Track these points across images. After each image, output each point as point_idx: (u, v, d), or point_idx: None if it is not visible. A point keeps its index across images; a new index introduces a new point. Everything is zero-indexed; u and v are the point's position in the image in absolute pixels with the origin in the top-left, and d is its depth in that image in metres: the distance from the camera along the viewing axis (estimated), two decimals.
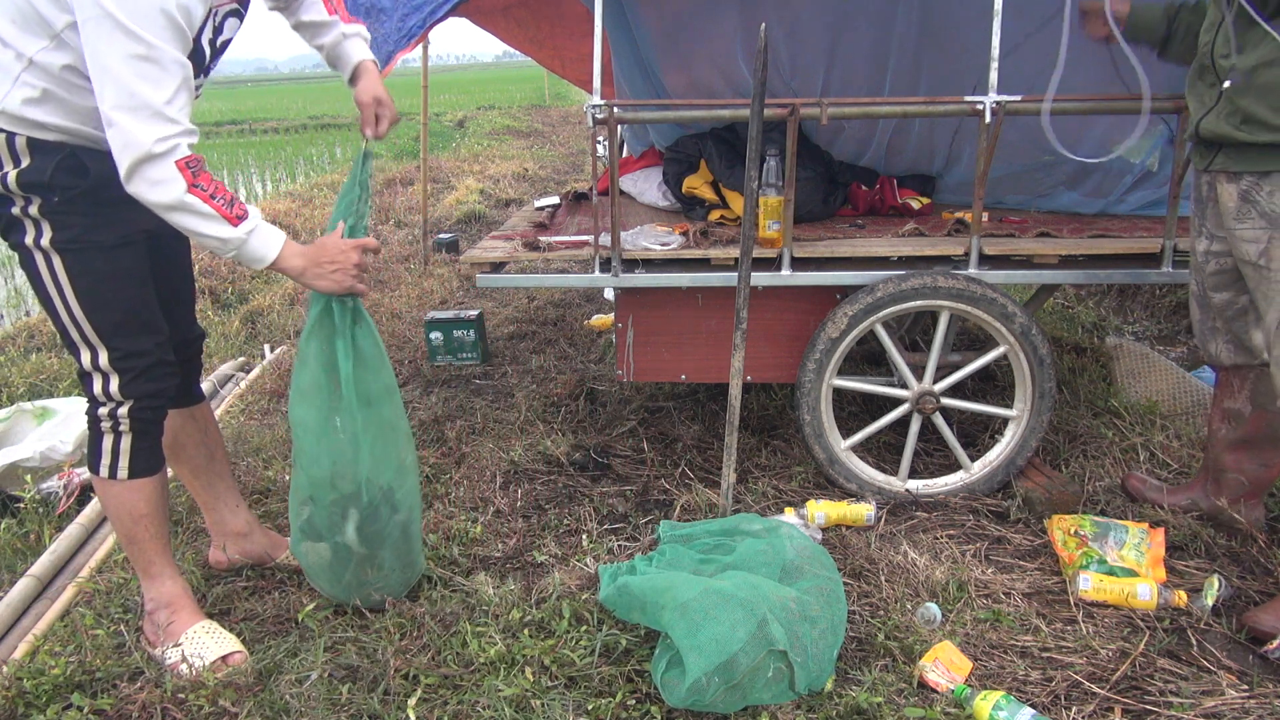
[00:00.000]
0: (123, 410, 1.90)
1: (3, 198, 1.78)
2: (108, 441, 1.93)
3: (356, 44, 2.14)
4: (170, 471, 2.14)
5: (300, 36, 2.17)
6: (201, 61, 1.83)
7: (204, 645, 2.00)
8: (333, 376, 1.98)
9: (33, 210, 1.78)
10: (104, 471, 1.94)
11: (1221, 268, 2.25)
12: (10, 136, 1.74)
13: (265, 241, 1.82)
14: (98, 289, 1.84)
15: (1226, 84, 2.04)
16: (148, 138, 1.63)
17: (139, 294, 1.90)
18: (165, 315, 2.08)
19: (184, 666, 1.96)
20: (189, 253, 2.21)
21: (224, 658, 1.99)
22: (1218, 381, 2.44)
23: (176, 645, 2.00)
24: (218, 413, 3.45)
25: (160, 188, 1.67)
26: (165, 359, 1.96)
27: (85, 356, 1.88)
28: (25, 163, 1.75)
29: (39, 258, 1.81)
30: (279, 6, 2.14)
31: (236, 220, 1.75)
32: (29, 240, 1.80)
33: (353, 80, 2.14)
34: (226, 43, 1.91)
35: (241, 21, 1.92)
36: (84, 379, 1.91)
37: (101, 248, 1.83)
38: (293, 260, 1.86)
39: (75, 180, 1.77)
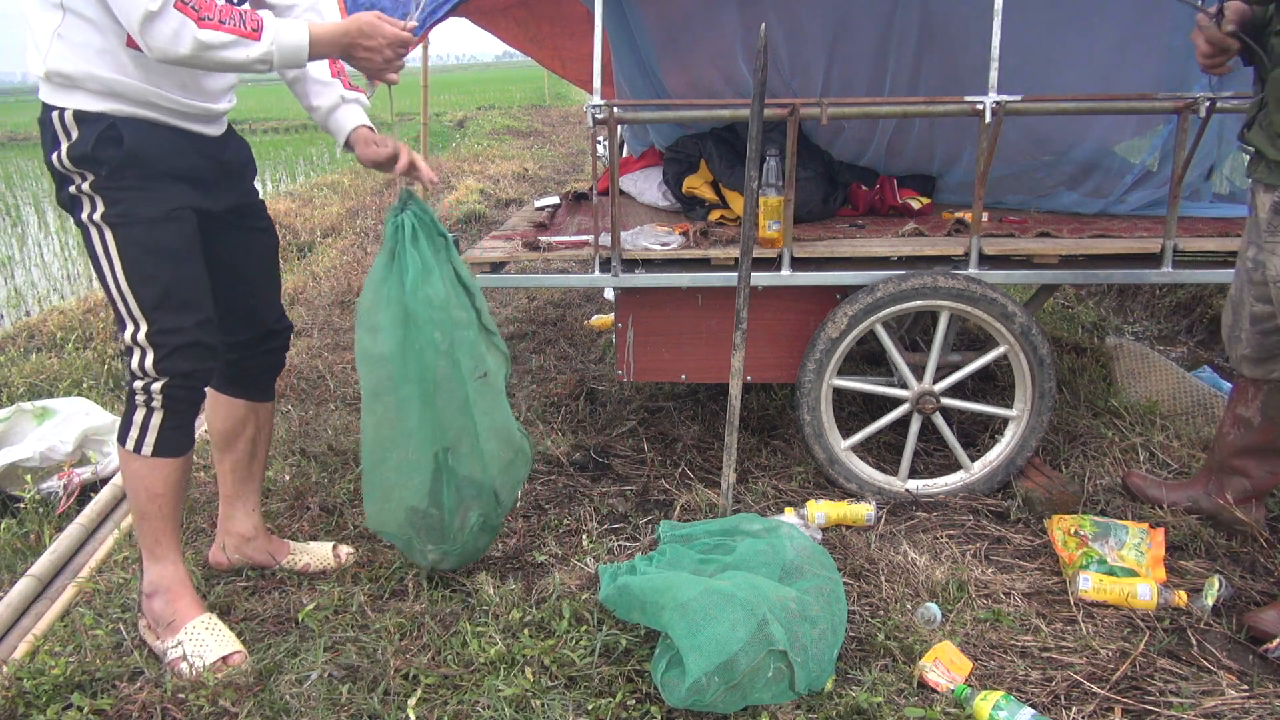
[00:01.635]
0: (156, 386, 1.93)
1: (63, 176, 1.86)
2: (139, 415, 1.95)
3: (355, 110, 2.11)
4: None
5: (292, 92, 2.14)
6: None
7: (204, 644, 2.00)
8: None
9: (85, 187, 1.84)
10: (130, 444, 1.97)
11: (1265, 279, 2.18)
12: (61, 112, 1.81)
13: (294, 37, 1.81)
14: (140, 262, 1.88)
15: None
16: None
17: (180, 270, 1.93)
18: (243, 306, 2.14)
19: (184, 665, 1.96)
20: (269, 243, 2.22)
21: (224, 658, 1.99)
22: (1234, 386, 2.43)
23: (177, 642, 2.00)
24: None
25: (176, 38, 1.70)
26: (204, 340, 1.96)
27: (128, 330, 1.93)
28: (75, 135, 1.81)
29: (93, 232, 1.87)
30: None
31: (255, 34, 1.76)
32: (85, 215, 1.86)
33: (349, 147, 2.11)
34: None
35: None
36: (126, 352, 1.95)
37: (145, 221, 1.87)
38: (324, 48, 1.86)
39: (113, 151, 1.82)
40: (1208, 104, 2.39)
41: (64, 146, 1.82)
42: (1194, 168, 2.59)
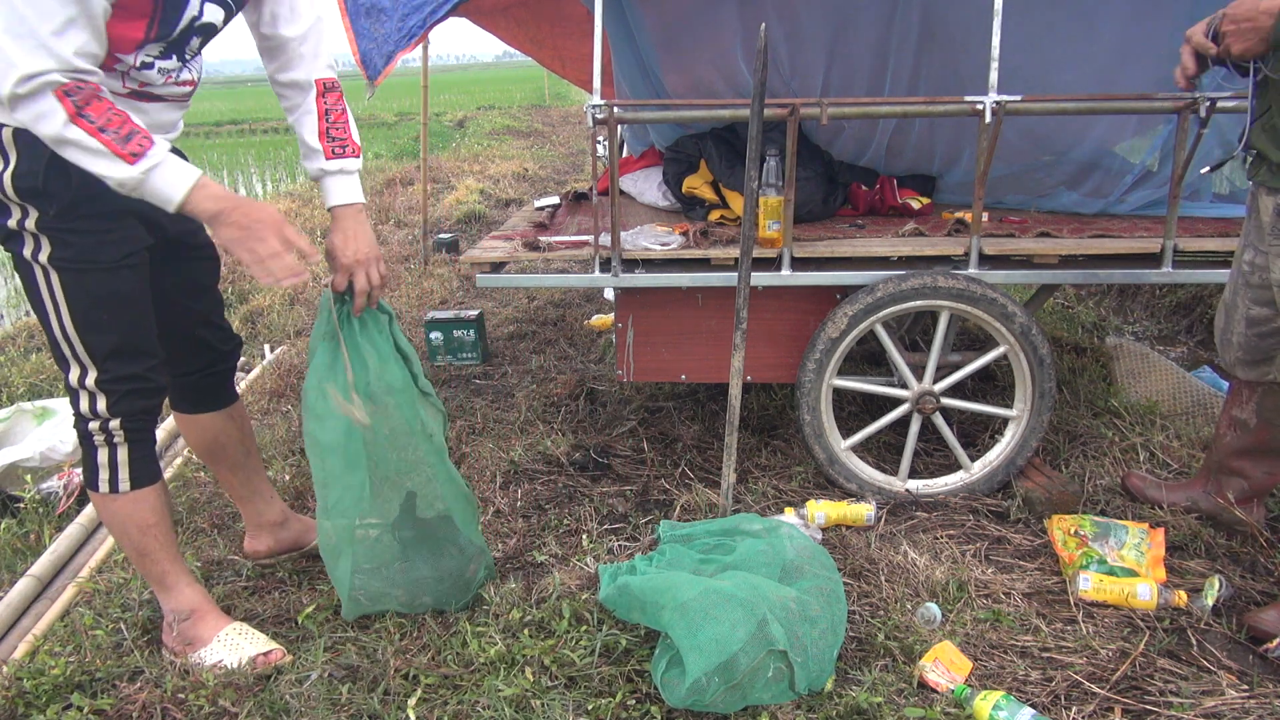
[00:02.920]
0: (115, 424, 1.86)
1: (1, 205, 1.72)
2: (103, 455, 1.88)
3: (337, 183, 1.95)
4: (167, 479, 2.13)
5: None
6: (168, 31, 1.72)
7: (240, 646, 1.99)
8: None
9: (29, 224, 1.71)
10: (104, 486, 1.90)
11: (1264, 282, 2.16)
12: None
13: (169, 182, 1.64)
14: (94, 311, 1.78)
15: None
16: (22, 65, 1.51)
17: (135, 317, 1.84)
18: (191, 333, 2.06)
19: (224, 664, 1.95)
20: (213, 268, 2.13)
21: (265, 654, 1.98)
22: (1230, 388, 2.43)
23: (212, 650, 1.99)
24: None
25: (42, 120, 1.55)
26: (156, 382, 1.90)
27: (74, 373, 1.83)
28: (14, 159, 1.68)
29: (37, 271, 1.76)
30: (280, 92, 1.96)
31: (131, 158, 1.58)
32: (27, 253, 1.75)
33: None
34: (208, 27, 1.80)
35: (227, 12, 1.82)
36: (71, 394, 1.86)
37: (101, 268, 1.77)
38: (205, 204, 1.68)
39: (62, 184, 1.70)
40: (1208, 104, 2.39)
41: (5, 171, 1.67)
42: (1194, 168, 2.59)
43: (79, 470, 2.89)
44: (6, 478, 2.86)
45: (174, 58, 1.79)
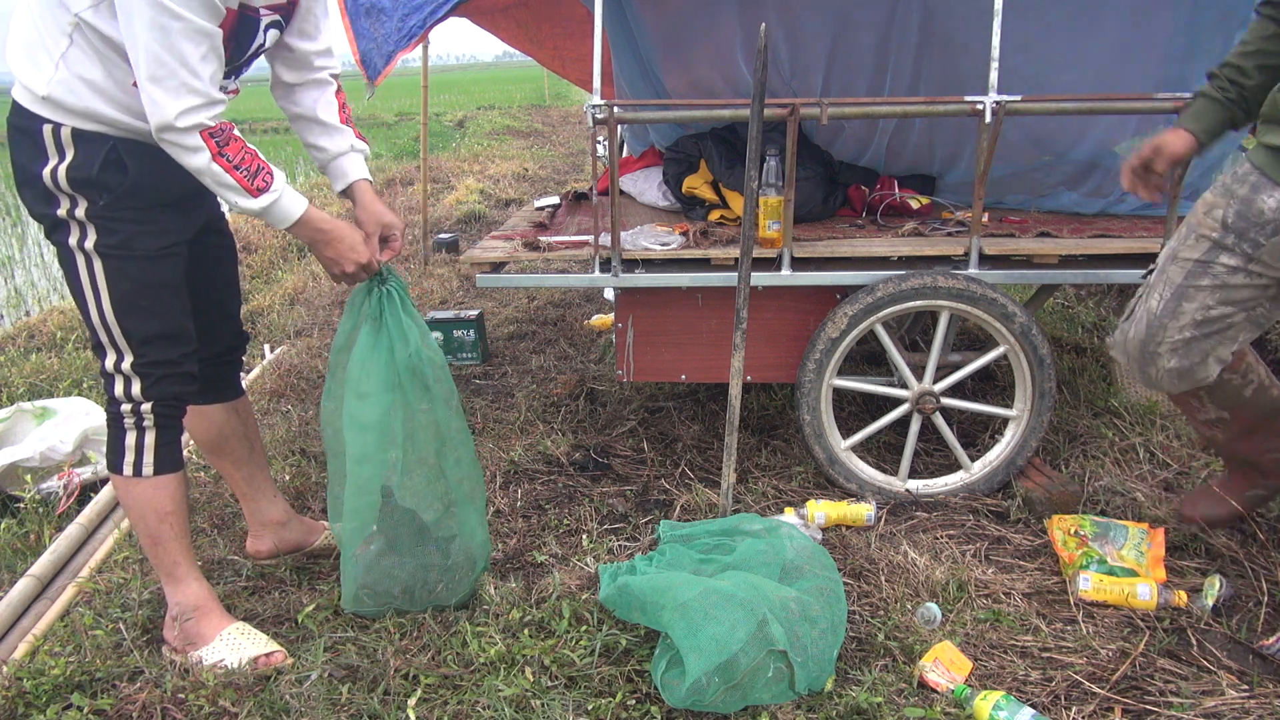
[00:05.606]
0: (146, 407, 1.90)
1: (49, 196, 1.78)
2: (131, 438, 1.91)
3: (358, 160, 2.08)
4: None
5: (296, 131, 2.10)
6: (239, 57, 1.86)
7: (242, 646, 1.99)
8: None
9: (79, 213, 1.78)
10: (128, 470, 1.92)
11: (1251, 283, 2.06)
12: (56, 127, 1.74)
13: (285, 211, 1.84)
14: (134, 297, 1.84)
15: None
16: (172, 110, 1.65)
17: (173, 305, 1.90)
18: (208, 324, 2.10)
19: (225, 664, 1.95)
20: (234, 264, 2.22)
21: (266, 655, 1.98)
22: (1178, 403, 2.30)
23: (213, 649, 1.99)
24: None
25: (187, 154, 1.71)
26: (190, 370, 1.95)
27: (110, 359, 1.88)
28: (70, 155, 1.75)
29: (80, 259, 1.82)
30: (289, 78, 2.06)
31: (256, 192, 1.78)
32: (73, 241, 1.81)
33: (347, 195, 2.10)
34: (265, 50, 1.93)
35: (280, 33, 1.94)
36: (106, 379, 1.91)
37: (143, 256, 1.84)
38: (313, 225, 1.89)
39: (118, 177, 1.78)
40: None
41: (59, 164, 1.75)
42: (1194, 168, 2.59)
43: (79, 470, 2.89)
44: (6, 478, 2.86)
45: (234, 77, 1.92)
